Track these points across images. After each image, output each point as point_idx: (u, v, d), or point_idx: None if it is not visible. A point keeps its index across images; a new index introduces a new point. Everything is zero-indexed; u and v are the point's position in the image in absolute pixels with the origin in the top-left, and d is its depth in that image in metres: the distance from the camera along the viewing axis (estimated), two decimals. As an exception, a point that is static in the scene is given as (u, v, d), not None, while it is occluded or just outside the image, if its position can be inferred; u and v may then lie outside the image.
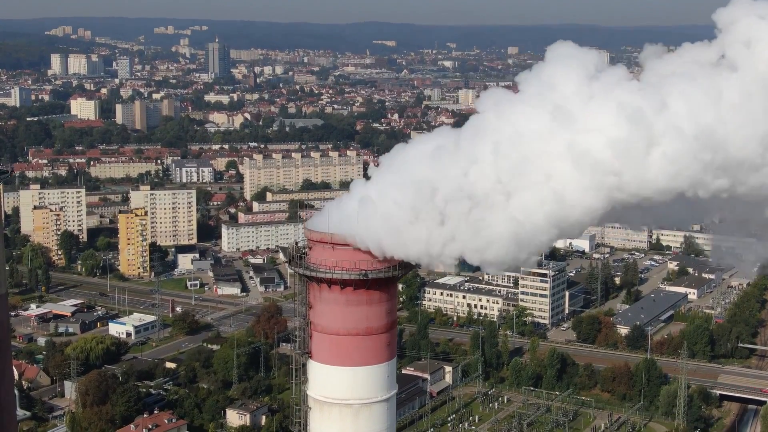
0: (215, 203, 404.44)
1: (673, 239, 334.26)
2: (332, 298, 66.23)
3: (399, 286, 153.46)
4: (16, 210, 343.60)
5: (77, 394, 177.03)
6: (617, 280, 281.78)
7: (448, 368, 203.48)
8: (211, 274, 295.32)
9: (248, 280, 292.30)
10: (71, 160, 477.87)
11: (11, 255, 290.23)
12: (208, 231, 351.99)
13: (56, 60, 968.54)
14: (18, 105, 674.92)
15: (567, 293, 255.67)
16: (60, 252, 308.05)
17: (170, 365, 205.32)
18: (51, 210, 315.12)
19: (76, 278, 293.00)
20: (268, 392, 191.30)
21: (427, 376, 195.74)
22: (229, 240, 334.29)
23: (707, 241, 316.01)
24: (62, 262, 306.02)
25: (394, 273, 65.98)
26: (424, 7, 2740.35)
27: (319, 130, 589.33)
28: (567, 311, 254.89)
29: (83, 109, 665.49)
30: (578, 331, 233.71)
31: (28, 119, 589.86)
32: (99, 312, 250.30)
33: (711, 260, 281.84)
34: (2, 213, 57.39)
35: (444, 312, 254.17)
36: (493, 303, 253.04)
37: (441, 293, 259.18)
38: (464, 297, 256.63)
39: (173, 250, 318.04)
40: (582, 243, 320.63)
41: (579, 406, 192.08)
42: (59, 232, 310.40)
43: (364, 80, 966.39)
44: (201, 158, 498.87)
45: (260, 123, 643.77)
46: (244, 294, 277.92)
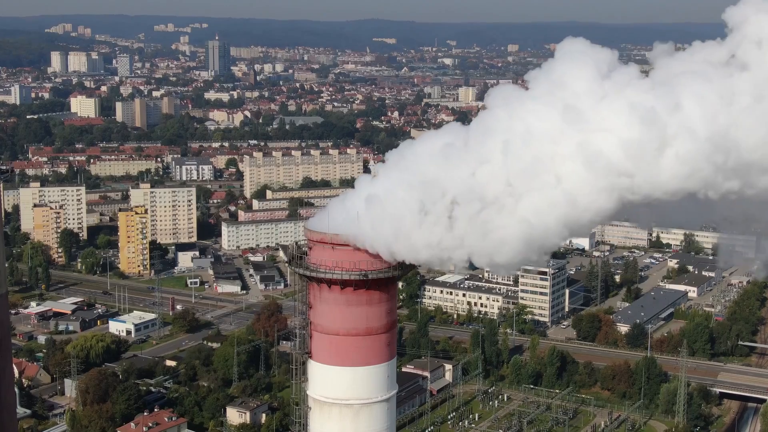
0: (215, 201, 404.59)
1: (673, 237, 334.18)
2: (332, 298, 66.10)
3: (399, 284, 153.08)
4: (16, 208, 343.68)
5: (77, 392, 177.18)
6: (617, 278, 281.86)
7: (448, 366, 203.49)
8: (211, 272, 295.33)
9: (248, 278, 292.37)
10: (71, 158, 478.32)
11: (11, 253, 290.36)
12: (208, 229, 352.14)
13: (56, 58, 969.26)
14: (18, 103, 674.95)
15: (567, 291, 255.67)
16: (60, 250, 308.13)
17: (170, 363, 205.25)
18: (51, 208, 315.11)
19: (76, 276, 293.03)
20: (268, 390, 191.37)
21: (427, 374, 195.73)
22: (229, 238, 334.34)
23: (709, 240, 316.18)
24: (62, 260, 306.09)
25: (394, 273, 65.77)
26: (425, 5, 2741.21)
27: (319, 128, 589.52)
28: (567, 309, 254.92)
29: (83, 107, 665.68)
30: (578, 329, 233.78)
31: (28, 117, 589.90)
32: (99, 310, 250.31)
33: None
34: (2, 212, 57.36)
35: (444, 310, 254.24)
36: (493, 301, 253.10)
37: (441, 291, 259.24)
38: (464, 295, 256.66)
39: (173, 248, 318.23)
40: (582, 241, 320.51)
41: (579, 404, 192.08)
42: (59, 230, 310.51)
43: (364, 78, 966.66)
44: (201, 156, 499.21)
45: (260, 121, 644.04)
46: (244, 292, 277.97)
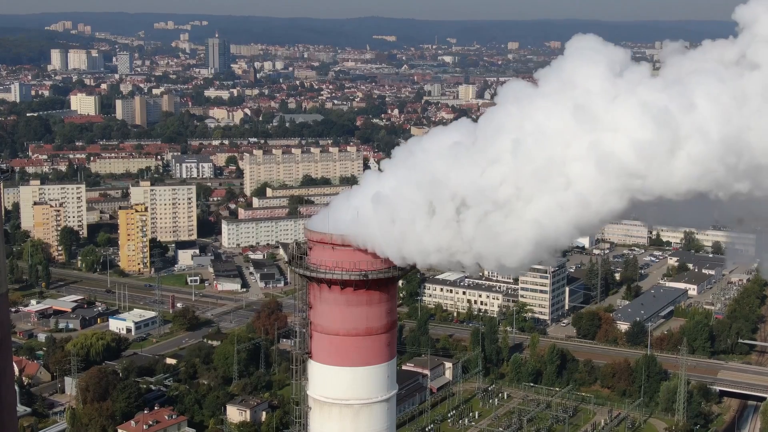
0: (215, 199, 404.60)
1: (673, 235, 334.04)
2: (332, 299, 66.04)
3: (399, 283, 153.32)
4: (17, 206, 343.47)
5: (77, 390, 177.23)
6: (617, 276, 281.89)
7: (448, 364, 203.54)
8: (212, 270, 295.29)
9: (248, 276, 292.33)
10: (71, 156, 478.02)
11: (11, 251, 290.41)
12: (208, 227, 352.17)
13: (56, 55, 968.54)
14: (18, 100, 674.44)
15: (567, 289, 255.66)
16: (60, 248, 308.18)
17: (170, 361, 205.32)
18: (51, 206, 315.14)
19: (77, 274, 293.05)
20: (269, 388, 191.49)
21: (427, 372, 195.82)
22: (229, 236, 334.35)
23: (709, 238, 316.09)
24: (62, 258, 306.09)
25: (394, 273, 65.68)
26: (425, 2, 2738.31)
27: (319, 126, 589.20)
28: (567, 307, 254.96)
29: (83, 105, 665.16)
30: (578, 327, 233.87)
31: (28, 115, 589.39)
32: (99, 308, 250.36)
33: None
34: (2, 212, 57.19)
35: (444, 308, 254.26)
36: (493, 299, 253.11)
37: (441, 289, 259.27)
38: (464, 293, 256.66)
39: (173, 246, 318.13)
40: (582, 239, 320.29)
41: (579, 402, 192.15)
42: (59, 228, 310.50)
43: (365, 75, 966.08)
44: (201, 154, 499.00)
45: (260, 118, 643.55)
46: (245, 290, 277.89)
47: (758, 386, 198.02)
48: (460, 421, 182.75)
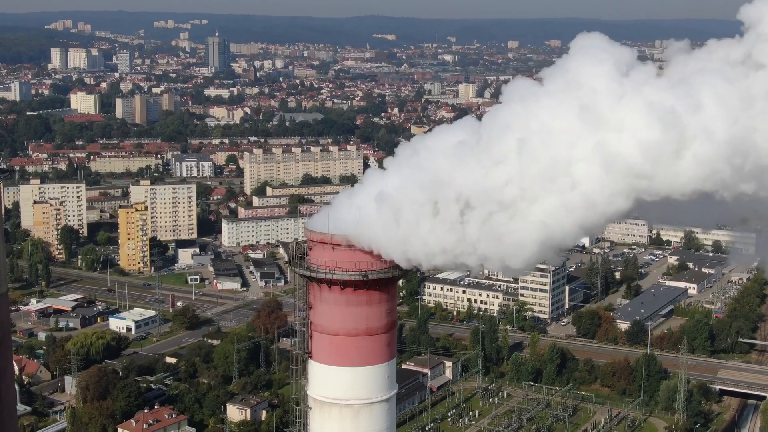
0: (215, 198, 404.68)
1: (673, 234, 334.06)
2: (332, 299, 65.80)
3: (399, 282, 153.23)
4: (17, 205, 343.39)
5: (78, 389, 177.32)
6: (617, 275, 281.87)
7: (448, 363, 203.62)
8: (212, 269, 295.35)
9: (248, 275, 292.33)
10: (71, 155, 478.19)
11: (11, 250, 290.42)
12: (209, 226, 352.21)
13: (56, 54, 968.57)
14: (18, 99, 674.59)
15: (567, 288, 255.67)
16: (60, 247, 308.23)
17: (170, 360, 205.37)
18: (51, 205, 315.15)
19: (77, 273, 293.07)
20: (269, 387, 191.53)
21: (428, 371, 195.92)
22: (230, 235, 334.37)
23: (709, 237, 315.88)
24: (62, 257, 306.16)
25: (394, 273, 65.36)
26: (425, 1, 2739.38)
27: (319, 125, 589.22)
28: (567, 306, 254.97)
29: (83, 104, 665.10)
30: (578, 326, 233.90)
31: (28, 113, 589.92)
32: (99, 307, 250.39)
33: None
34: (2, 212, 57.01)
35: (444, 307, 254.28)
36: (493, 298, 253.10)
37: (441, 288, 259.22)
38: (464, 292, 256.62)
39: (173, 245, 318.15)
40: (582, 238, 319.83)
41: (579, 401, 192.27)
42: (59, 227, 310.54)
43: (364, 74, 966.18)
44: (201, 153, 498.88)
45: (260, 117, 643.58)
46: (245, 289, 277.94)
47: (758, 385, 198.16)
48: (460, 420, 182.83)
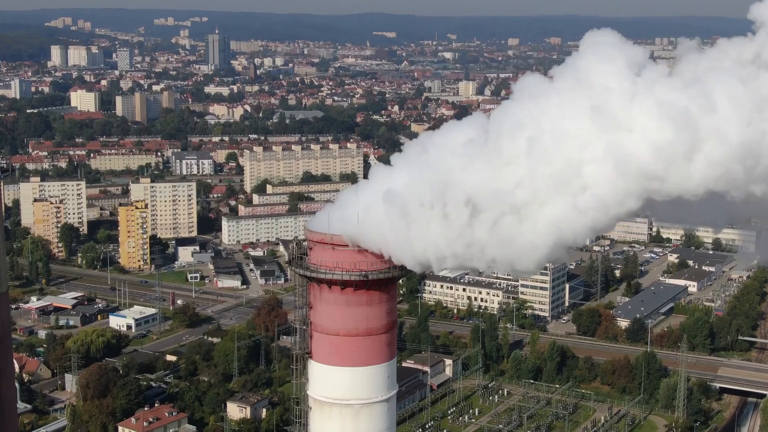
0: (215, 195, 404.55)
1: (674, 232, 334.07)
2: (332, 299, 65.80)
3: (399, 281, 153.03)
4: (17, 202, 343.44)
5: (78, 387, 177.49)
6: (617, 273, 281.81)
7: (449, 361, 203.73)
8: (212, 267, 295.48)
9: (248, 273, 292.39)
10: (71, 153, 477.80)
11: (12, 248, 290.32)
12: (209, 223, 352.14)
13: (56, 52, 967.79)
14: (18, 97, 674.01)
15: (567, 286, 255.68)
16: (60, 244, 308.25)
17: (171, 358, 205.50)
18: (51, 202, 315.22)
19: (77, 271, 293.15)
20: (269, 385, 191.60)
21: (428, 369, 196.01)
22: (230, 232, 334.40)
23: (709, 235, 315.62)
24: (62, 255, 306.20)
25: (395, 273, 65.33)
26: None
27: (320, 122, 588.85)
28: (567, 304, 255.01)
29: (83, 101, 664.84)
30: (578, 324, 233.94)
31: (28, 111, 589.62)
32: (99, 305, 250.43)
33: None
34: (2, 211, 56.84)
35: (444, 305, 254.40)
36: (494, 296, 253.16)
37: (441, 286, 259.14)
38: (464, 289, 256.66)
39: (173, 243, 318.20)
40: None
41: (579, 399, 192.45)
42: (59, 225, 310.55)
43: (365, 72, 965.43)
44: (201, 150, 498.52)
45: (260, 115, 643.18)
46: (245, 287, 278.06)
47: (758, 383, 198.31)
48: (460, 418, 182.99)
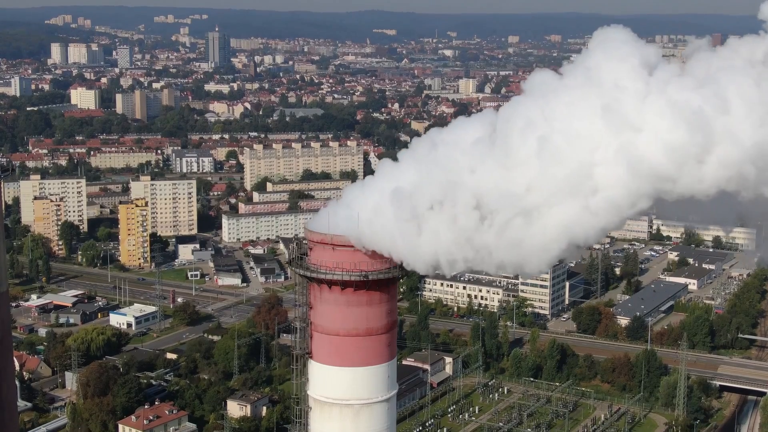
0: (215, 193, 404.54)
1: (674, 230, 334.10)
2: (332, 299, 65.62)
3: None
4: (17, 200, 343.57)
5: (78, 385, 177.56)
6: (617, 271, 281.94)
7: (449, 359, 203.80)
8: (212, 265, 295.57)
9: (249, 271, 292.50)
10: (71, 150, 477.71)
11: (12, 246, 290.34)
12: (209, 221, 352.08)
13: (56, 49, 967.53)
14: (18, 95, 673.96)
15: (567, 284, 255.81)
16: (60, 242, 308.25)
17: (171, 356, 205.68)
18: (51, 200, 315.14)
19: (77, 269, 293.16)
20: (269, 383, 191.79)
21: (428, 367, 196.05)
22: (230, 230, 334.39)
23: (709, 233, 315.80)
24: (63, 253, 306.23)
25: (395, 274, 65.09)
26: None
27: (320, 120, 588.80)
28: (567, 302, 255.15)
29: (83, 99, 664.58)
30: (578, 322, 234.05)
31: (28, 109, 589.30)
32: (100, 303, 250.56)
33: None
34: (2, 210, 56.75)
35: (444, 303, 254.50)
36: (494, 294, 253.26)
37: (441, 284, 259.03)
38: (464, 288, 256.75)
39: (174, 241, 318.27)
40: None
41: (579, 397, 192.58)
42: (60, 223, 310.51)
43: (365, 69, 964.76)
44: (201, 148, 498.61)
45: (260, 113, 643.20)
46: (245, 285, 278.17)
47: (758, 381, 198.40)
48: (461, 416, 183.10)
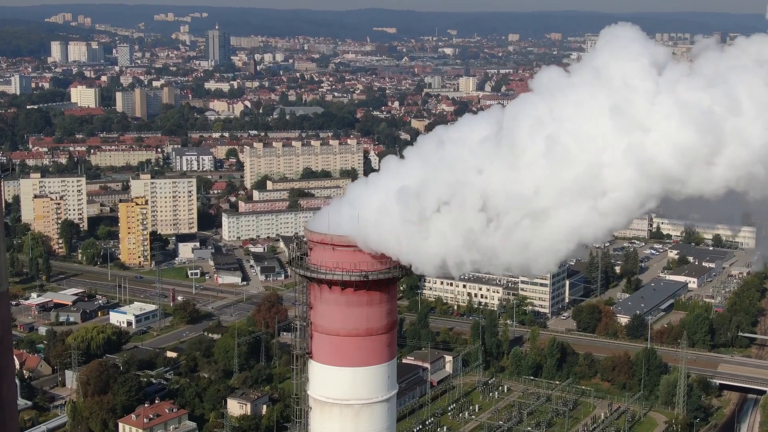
0: (215, 192, 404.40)
1: (674, 228, 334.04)
2: (333, 299, 65.60)
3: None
4: (17, 199, 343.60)
5: (78, 384, 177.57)
6: (617, 269, 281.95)
7: (449, 357, 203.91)
8: (212, 263, 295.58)
9: (249, 269, 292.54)
10: (71, 149, 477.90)
11: (12, 244, 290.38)
12: (209, 220, 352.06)
13: (56, 47, 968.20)
14: (18, 93, 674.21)
15: (567, 282, 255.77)
16: (60, 241, 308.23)
17: (171, 354, 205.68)
18: (51, 199, 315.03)
19: (77, 267, 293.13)
20: (269, 381, 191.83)
21: (428, 366, 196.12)
22: (230, 229, 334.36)
23: (709, 231, 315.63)
24: (63, 251, 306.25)
25: (395, 274, 65.05)
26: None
27: (320, 118, 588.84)
28: (567, 300, 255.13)
29: (83, 97, 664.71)
30: (578, 321, 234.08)
31: (28, 107, 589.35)
32: (100, 301, 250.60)
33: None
34: (2, 209, 56.72)
35: (444, 301, 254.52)
36: (494, 292, 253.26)
37: (441, 282, 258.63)
38: (464, 286, 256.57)
39: (174, 239, 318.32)
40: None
41: (579, 396, 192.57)
42: (60, 221, 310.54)
43: (365, 68, 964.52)
44: (201, 146, 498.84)
45: (260, 111, 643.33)
46: (245, 283, 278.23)
47: (758, 379, 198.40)
48: (461, 415, 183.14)
